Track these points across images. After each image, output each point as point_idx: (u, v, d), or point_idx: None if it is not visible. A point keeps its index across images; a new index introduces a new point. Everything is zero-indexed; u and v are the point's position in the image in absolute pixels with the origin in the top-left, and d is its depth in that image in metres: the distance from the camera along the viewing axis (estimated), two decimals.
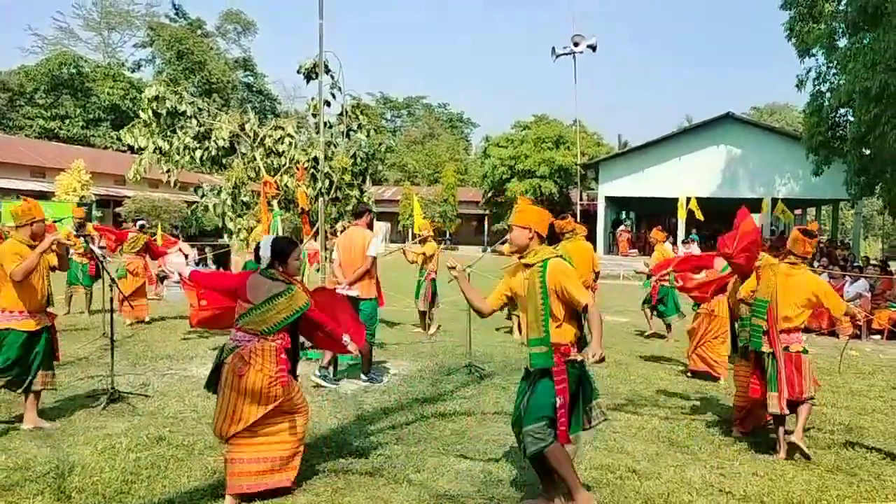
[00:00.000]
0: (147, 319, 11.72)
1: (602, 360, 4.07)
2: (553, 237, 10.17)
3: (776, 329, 5.71)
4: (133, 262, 11.73)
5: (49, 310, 5.97)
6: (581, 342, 4.35)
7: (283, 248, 4.62)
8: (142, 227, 12.30)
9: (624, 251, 32.17)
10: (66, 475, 4.73)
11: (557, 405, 4.19)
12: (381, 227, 35.75)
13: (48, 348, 5.89)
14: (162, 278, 15.33)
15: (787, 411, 5.63)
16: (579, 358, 4.27)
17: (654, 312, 11.82)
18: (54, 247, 5.92)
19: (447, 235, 46.57)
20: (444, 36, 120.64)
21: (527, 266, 4.35)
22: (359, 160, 9.08)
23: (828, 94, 20.37)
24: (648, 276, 11.16)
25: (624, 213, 38.17)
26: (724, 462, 5.45)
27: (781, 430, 5.70)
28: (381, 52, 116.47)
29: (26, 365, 5.73)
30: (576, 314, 4.30)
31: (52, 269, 6.17)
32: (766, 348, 5.76)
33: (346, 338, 4.85)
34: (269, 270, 4.58)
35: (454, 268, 4.53)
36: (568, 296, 4.19)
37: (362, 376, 7.81)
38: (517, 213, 4.46)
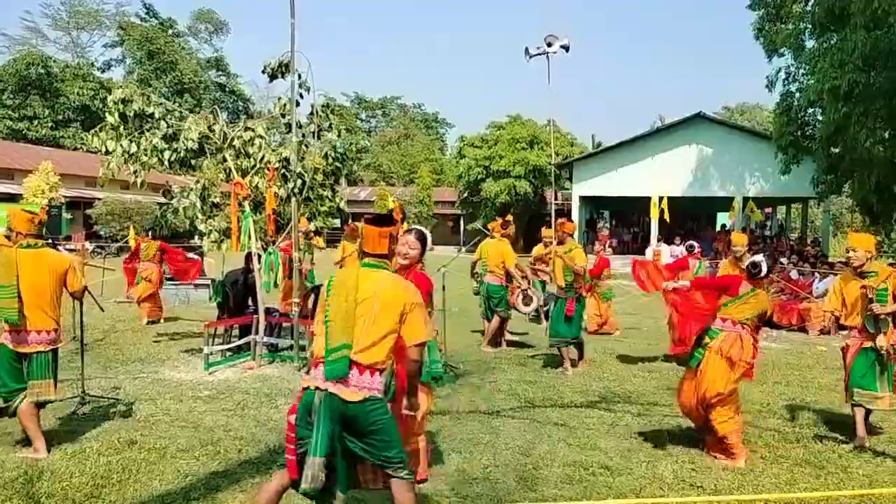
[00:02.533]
0: (160, 320, 12.29)
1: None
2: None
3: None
4: (148, 269, 12.27)
5: None
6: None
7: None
8: (152, 234, 12.88)
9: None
10: (35, 480, 4.67)
11: None
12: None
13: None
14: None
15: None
16: None
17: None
18: None
19: None
20: (420, 36, 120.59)
21: None
22: (331, 160, 9.05)
23: (797, 94, 20.69)
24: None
25: (606, 212, 38.44)
26: (695, 457, 5.52)
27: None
28: (355, 51, 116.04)
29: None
30: None
31: None
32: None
33: None
34: None
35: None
36: None
37: None
38: None
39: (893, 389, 5.95)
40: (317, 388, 3.45)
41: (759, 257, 6.00)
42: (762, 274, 5.83)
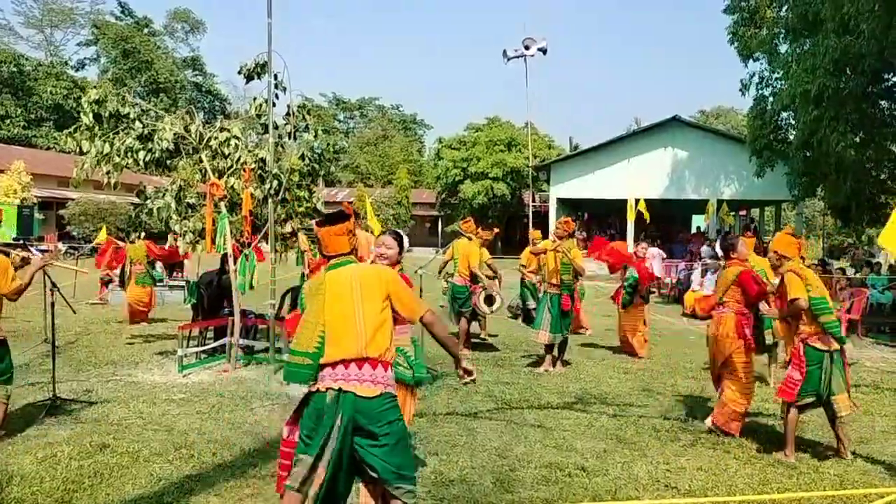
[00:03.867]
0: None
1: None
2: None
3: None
4: (141, 271, 12.19)
5: None
6: None
7: None
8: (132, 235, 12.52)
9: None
10: (4, 486, 4.59)
11: None
12: None
13: None
14: (107, 282, 14.98)
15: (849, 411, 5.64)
16: None
17: None
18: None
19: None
20: (399, 38, 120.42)
21: None
22: (307, 160, 9.01)
23: (770, 98, 20.94)
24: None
25: (586, 214, 38.61)
26: (669, 458, 5.56)
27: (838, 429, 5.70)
28: (333, 53, 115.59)
29: None
30: None
31: None
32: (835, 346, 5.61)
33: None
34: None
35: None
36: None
37: None
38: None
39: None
40: (328, 388, 3.39)
41: (731, 237, 6.53)
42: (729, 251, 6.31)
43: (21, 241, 10.18)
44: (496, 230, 10.87)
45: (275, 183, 8.57)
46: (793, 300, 5.57)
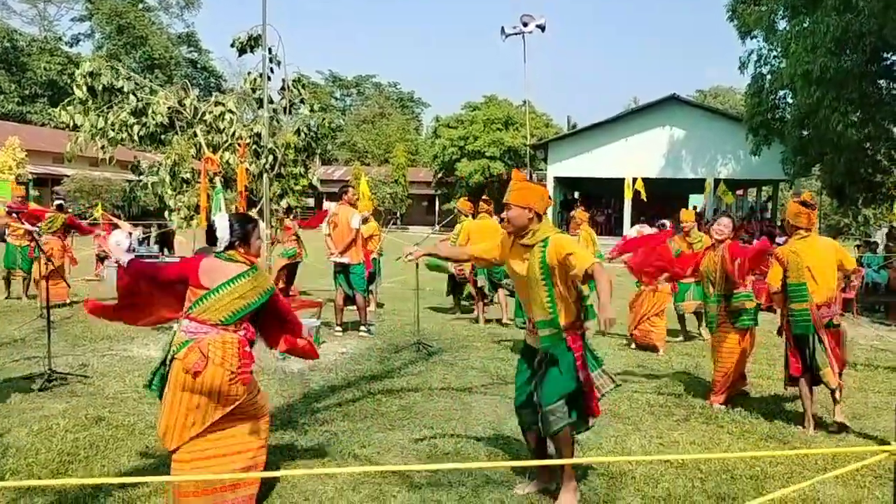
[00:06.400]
0: (67, 302, 10.91)
1: (612, 324, 3.66)
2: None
3: (816, 305, 5.71)
4: (49, 243, 10.77)
5: None
6: (588, 310, 4.35)
7: (244, 227, 4.00)
8: (59, 206, 11.84)
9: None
10: (0, 457, 4.61)
11: (583, 380, 4.12)
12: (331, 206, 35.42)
13: None
14: (102, 258, 14.94)
15: (836, 384, 5.71)
16: (589, 329, 4.27)
17: None
18: None
19: (398, 216, 46.46)
20: (396, 16, 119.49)
21: (525, 247, 4.10)
22: (303, 136, 8.96)
23: (768, 77, 20.85)
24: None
25: (577, 194, 38.53)
26: (662, 432, 5.59)
27: (809, 403, 5.78)
28: (330, 30, 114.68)
29: None
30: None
31: None
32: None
33: (308, 325, 4.30)
34: (228, 252, 3.95)
35: (411, 254, 4.61)
36: (569, 264, 3.90)
37: (362, 328, 9.27)
38: (515, 192, 4.08)
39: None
40: None
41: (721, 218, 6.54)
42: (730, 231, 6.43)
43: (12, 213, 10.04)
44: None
45: (270, 158, 8.53)
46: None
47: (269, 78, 8.47)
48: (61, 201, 12.22)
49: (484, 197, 11.13)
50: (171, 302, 4.07)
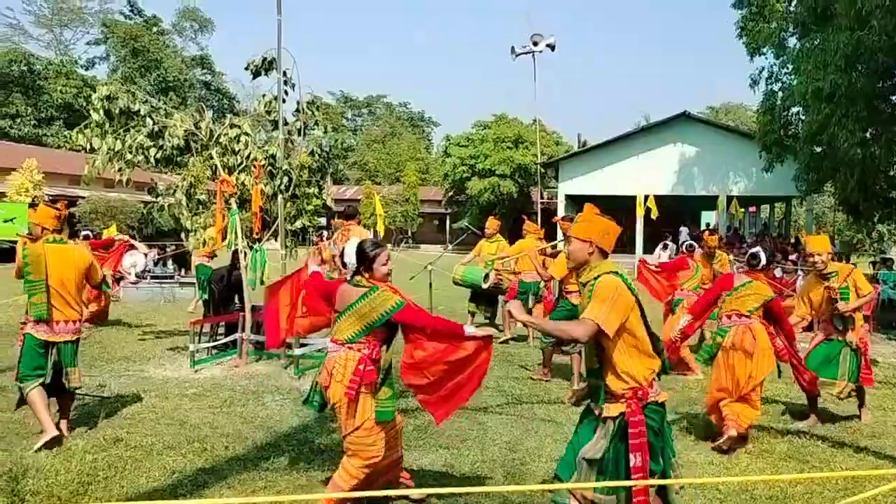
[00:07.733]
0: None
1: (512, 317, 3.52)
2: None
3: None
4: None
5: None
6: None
7: (368, 253, 4.22)
8: (86, 237, 11.95)
9: None
10: (19, 478, 4.64)
11: (633, 465, 3.32)
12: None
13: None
14: (119, 279, 15.04)
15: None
16: (661, 399, 3.52)
17: None
18: None
19: (409, 234, 46.55)
20: (406, 35, 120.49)
21: (583, 284, 3.62)
22: (317, 157, 9.03)
23: (780, 94, 20.83)
24: None
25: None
26: (680, 452, 5.54)
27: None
28: (341, 51, 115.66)
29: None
30: (651, 345, 3.52)
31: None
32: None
33: (469, 328, 4.27)
34: (356, 278, 4.25)
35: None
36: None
37: None
38: (578, 224, 3.66)
39: (855, 379, 6.34)
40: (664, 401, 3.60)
41: (757, 248, 6.24)
42: (760, 265, 6.06)
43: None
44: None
45: (285, 179, 8.60)
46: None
47: (283, 100, 8.57)
48: (87, 233, 12.40)
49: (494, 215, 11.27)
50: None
